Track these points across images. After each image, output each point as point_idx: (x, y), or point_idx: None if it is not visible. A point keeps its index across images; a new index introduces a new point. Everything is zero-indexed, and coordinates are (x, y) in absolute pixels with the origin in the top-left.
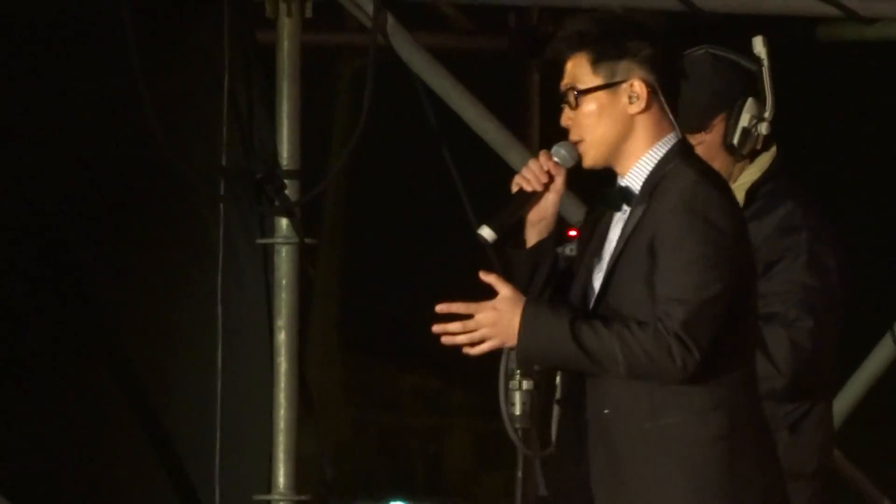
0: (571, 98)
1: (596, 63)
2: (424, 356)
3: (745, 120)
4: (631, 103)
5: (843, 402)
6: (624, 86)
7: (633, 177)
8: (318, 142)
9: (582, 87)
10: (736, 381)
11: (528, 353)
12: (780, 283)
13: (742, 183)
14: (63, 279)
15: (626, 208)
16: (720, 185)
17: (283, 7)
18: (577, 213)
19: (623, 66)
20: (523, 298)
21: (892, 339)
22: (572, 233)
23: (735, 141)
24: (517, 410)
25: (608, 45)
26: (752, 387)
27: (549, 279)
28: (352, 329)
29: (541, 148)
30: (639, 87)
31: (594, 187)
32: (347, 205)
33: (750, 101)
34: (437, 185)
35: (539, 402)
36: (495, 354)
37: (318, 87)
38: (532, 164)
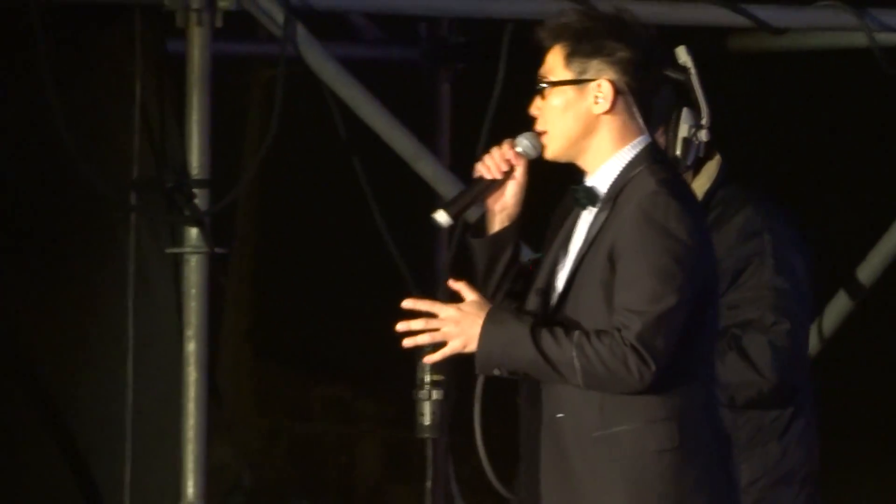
0: (541, 88)
1: (569, 57)
2: (336, 366)
3: (683, 130)
4: (596, 103)
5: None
6: (592, 84)
7: (601, 178)
8: (229, 151)
9: (552, 78)
10: (689, 393)
11: (488, 357)
12: (751, 289)
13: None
14: None
15: (591, 208)
16: (682, 194)
17: (193, 17)
18: None
19: (595, 64)
20: (489, 304)
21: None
22: None
23: (678, 152)
24: (426, 420)
25: (584, 42)
26: (708, 398)
27: (508, 270)
28: (263, 338)
29: (451, 158)
30: (606, 87)
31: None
32: (258, 214)
33: (685, 111)
34: (348, 195)
35: (448, 412)
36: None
37: (229, 96)
38: (494, 152)
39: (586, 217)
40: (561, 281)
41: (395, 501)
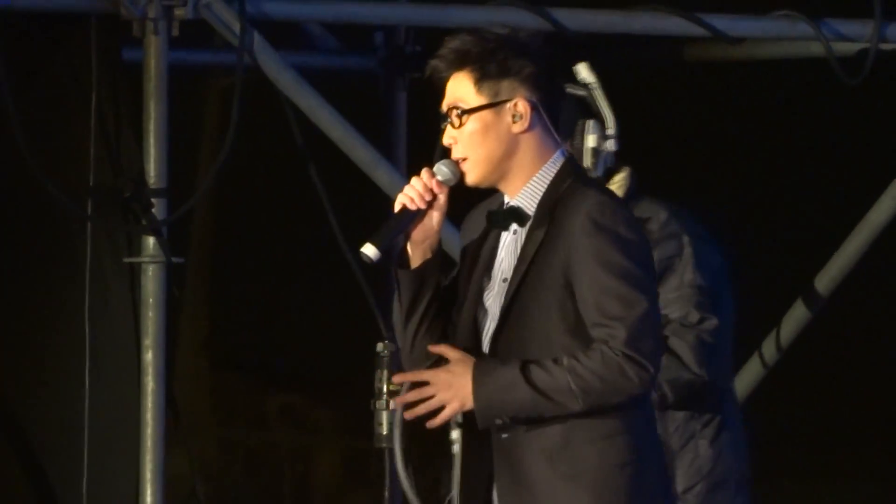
0: (454, 117)
1: (479, 82)
2: (292, 376)
3: (591, 140)
4: (514, 122)
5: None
6: (508, 105)
7: (525, 197)
8: (186, 160)
9: (465, 106)
10: (637, 405)
11: (488, 409)
12: (674, 289)
13: None
14: None
15: (515, 228)
16: (620, 200)
17: (149, 26)
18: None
19: (506, 85)
20: (472, 359)
21: (758, 359)
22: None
23: (588, 163)
24: (384, 430)
25: (491, 65)
26: (650, 410)
27: (433, 300)
28: (220, 348)
29: (408, 166)
30: (522, 106)
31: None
32: (215, 224)
33: (591, 122)
34: (305, 203)
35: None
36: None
37: (186, 105)
38: (415, 181)
39: (510, 238)
40: (495, 306)
41: None
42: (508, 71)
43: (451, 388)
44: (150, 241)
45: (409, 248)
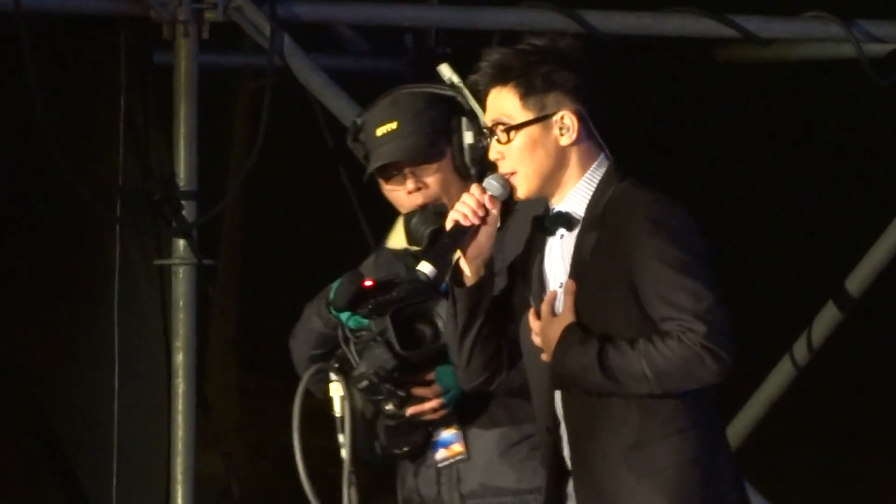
0: (501, 133)
1: (525, 97)
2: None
3: (468, 137)
4: (562, 135)
5: (741, 424)
6: (554, 118)
7: (572, 202)
8: (216, 163)
9: (512, 122)
10: (705, 400)
11: (561, 378)
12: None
13: None
14: None
15: (563, 233)
16: (670, 198)
17: (179, 28)
18: None
19: (552, 98)
20: (564, 325)
21: (790, 360)
22: (368, 283)
23: (467, 159)
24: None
25: (535, 79)
26: (714, 406)
27: (488, 316)
28: (250, 350)
29: None
30: (569, 118)
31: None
32: (245, 225)
33: (464, 120)
34: (334, 205)
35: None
36: None
37: (216, 107)
38: (467, 198)
39: (557, 243)
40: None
41: None
42: (553, 84)
43: (544, 335)
44: (180, 243)
45: (462, 264)
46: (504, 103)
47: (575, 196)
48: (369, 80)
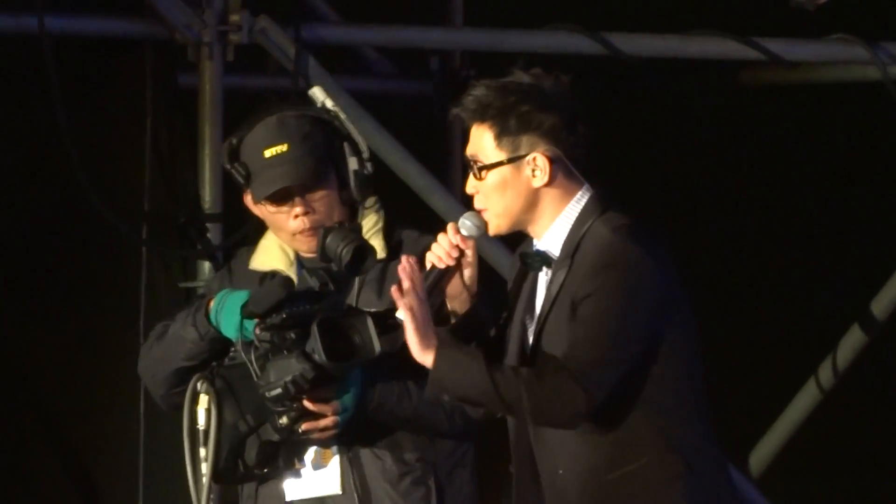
0: (475, 169)
1: (499, 137)
2: None
3: (353, 164)
4: (534, 176)
5: (765, 450)
6: (527, 159)
7: (549, 241)
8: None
9: (485, 160)
10: (687, 422)
11: (439, 383)
12: None
13: (377, 229)
14: None
15: (546, 270)
16: (638, 237)
17: (204, 50)
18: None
19: (525, 140)
20: (447, 336)
21: (815, 384)
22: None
23: (353, 185)
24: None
25: (510, 120)
26: (704, 426)
27: (486, 349)
28: None
29: (463, 191)
30: (542, 161)
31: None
32: None
33: (345, 145)
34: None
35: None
36: None
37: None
38: (441, 239)
39: (543, 279)
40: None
41: None
42: (529, 125)
43: (419, 334)
44: (206, 265)
45: (447, 304)
46: (480, 140)
47: (552, 234)
48: (394, 103)
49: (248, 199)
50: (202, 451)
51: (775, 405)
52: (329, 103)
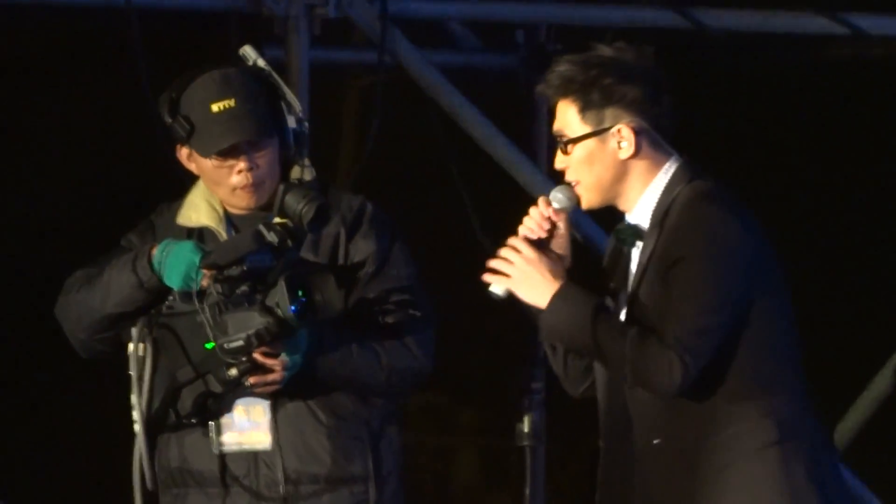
0: (562, 144)
1: (583, 111)
2: (433, 375)
3: (290, 122)
4: (620, 148)
5: (851, 421)
6: (612, 132)
7: (640, 213)
8: (325, 159)
9: (571, 134)
10: (781, 389)
11: (551, 331)
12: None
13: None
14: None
15: (639, 244)
16: (723, 201)
17: (291, 24)
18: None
19: (610, 112)
20: (563, 278)
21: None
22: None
23: (291, 143)
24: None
25: (593, 93)
26: (800, 394)
27: None
28: None
29: (549, 165)
30: (626, 132)
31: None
32: None
33: (282, 104)
34: (446, 202)
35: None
36: (506, 372)
37: (326, 104)
38: (532, 212)
39: (636, 253)
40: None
41: None
42: (612, 97)
43: (529, 279)
44: None
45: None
46: (565, 115)
47: (642, 206)
48: (480, 77)
49: (183, 153)
50: (133, 399)
51: (860, 380)
52: (261, 62)
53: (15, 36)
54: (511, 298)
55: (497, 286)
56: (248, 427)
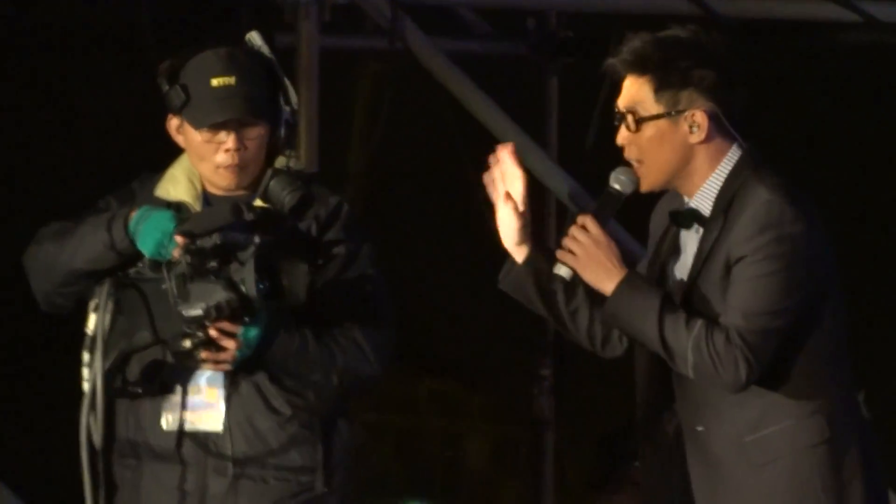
0: (630, 121)
1: (658, 90)
2: (442, 360)
3: (285, 112)
4: (692, 132)
5: None
6: (685, 115)
7: (702, 198)
8: (336, 145)
9: (643, 112)
10: (832, 387)
11: (614, 318)
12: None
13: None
14: None
15: (697, 227)
16: (794, 197)
17: (301, 10)
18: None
19: (686, 95)
20: (626, 268)
21: None
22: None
23: (282, 132)
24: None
25: (672, 74)
26: (849, 392)
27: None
28: None
29: (559, 151)
30: (700, 117)
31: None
32: (367, 208)
33: (280, 93)
34: (456, 189)
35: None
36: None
37: (336, 90)
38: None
39: (692, 236)
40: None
41: (501, 496)
42: (690, 80)
43: (596, 261)
44: None
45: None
46: (638, 92)
47: (705, 192)
48: (491, 63)
49: (173, 123)
50: (85, 356)
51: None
52: (266, 50)
53: (22, 24)
54: (575, 280)
55: (563, 268)
56: (201, 407)
